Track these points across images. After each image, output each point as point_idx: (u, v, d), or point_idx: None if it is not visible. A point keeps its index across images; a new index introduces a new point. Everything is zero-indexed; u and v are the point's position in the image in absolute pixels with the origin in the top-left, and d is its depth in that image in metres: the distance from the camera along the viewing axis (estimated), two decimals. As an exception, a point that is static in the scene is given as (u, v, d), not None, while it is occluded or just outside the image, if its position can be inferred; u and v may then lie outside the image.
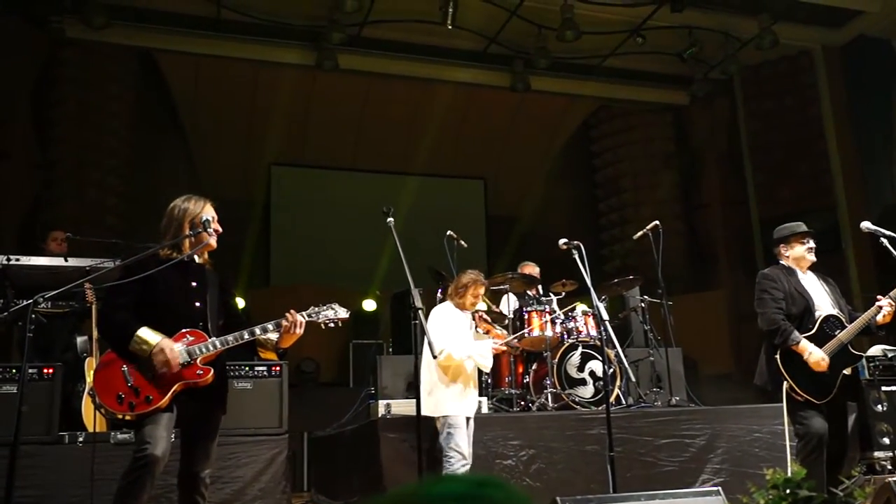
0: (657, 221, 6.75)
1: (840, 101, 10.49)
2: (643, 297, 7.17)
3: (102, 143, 9.80)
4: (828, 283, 4.57)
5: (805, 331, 4.29)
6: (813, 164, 10.47)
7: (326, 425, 6.87)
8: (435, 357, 4.36)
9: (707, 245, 11.57)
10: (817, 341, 4.24)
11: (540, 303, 6.54)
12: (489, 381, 6.24)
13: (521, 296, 6.87)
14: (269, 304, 8.01)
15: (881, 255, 4.42)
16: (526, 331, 4.71)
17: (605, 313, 4.91)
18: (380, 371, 6.70)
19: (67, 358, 5.55)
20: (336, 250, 11.32)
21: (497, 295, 7.02)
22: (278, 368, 5.21)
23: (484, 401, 5.71)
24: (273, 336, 3.47)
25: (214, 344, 3.34)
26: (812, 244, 4.53)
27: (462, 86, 10.95)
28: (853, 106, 10.43)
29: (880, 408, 5.52)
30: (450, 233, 6.66)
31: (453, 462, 4.55)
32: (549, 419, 5.57)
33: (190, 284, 3.44)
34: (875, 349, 5.84)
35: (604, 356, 4.81)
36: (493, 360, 5.63)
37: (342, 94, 11.02)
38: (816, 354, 4.18)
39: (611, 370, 6.18)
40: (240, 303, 7.89)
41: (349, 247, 11.06)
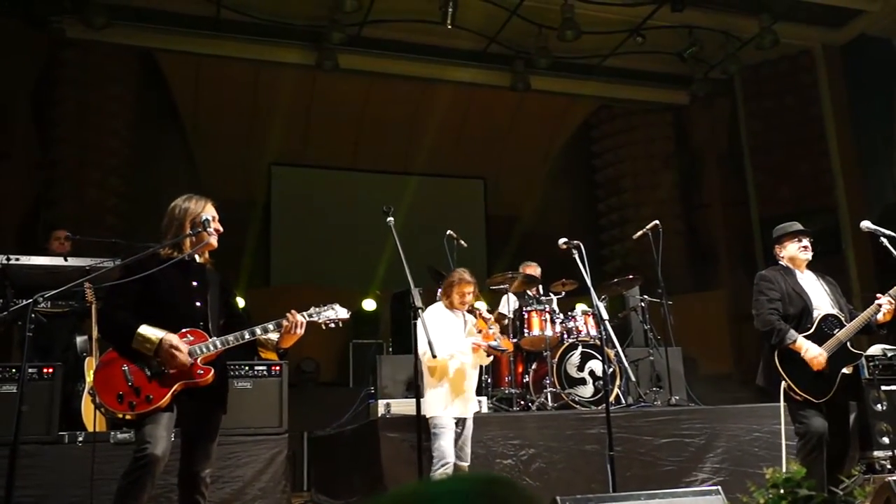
0: (657, 221, 6.75)
1: (840, 101, 10.48)
2: (643, 296, 7.18)
3: (103, 143, 9.81)
4: (828, 283, 4.55)
5: (803, 330, 4.27)
6: (813, 163, 10.47)
7: (326, 425, 6.87)
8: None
9: (707, 245, 11.56)
10: (816, 340, 4.23)
11: (540, 302, 6.55)
12: (489, 380, 6.25)
13: (521, 296, 6.88)
14: (269, 304, 8.00)
15: (881, 254, 4.41)
16: (498, 342, 4.70)
17: (604, 313, 4.91)
18: (380, 371, 6.71)
19: (67, 357, 5.56)
20: (336, 250, 11.32)
21: (497, 295, 7.03)
22: (278, 368, 5.22)
23: (484, 400, 5.72)
24: (273, 336, 3.48)
25: (215, 344, 3.34)
26: (806, 243, 4.52)
27: (462, 86, 10.94)
28: (854, 106, 10.42)
29: (880, 407, 5.54)
30: (450, 233, 6.66)
31: (434, 464, 4.48)
32: (548, 419, 5.58)
33: (191, 284, 3.44)
34: (875, 348, 5.85)
35: (604, 356, 4.82)
36: (493, 361, 5.63)
37: (342, 94, 11.01)
38: (813, 351, 4.18)
39: (610, 370, 6.19)
40: (240, 303, 7.89)
41: (349, 246, 11.07)
